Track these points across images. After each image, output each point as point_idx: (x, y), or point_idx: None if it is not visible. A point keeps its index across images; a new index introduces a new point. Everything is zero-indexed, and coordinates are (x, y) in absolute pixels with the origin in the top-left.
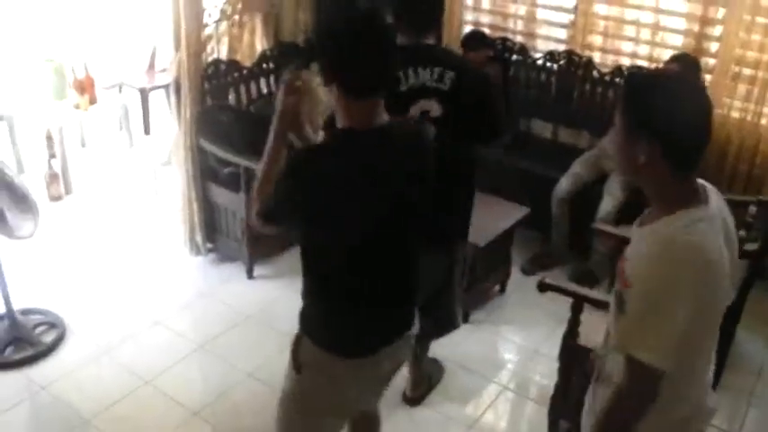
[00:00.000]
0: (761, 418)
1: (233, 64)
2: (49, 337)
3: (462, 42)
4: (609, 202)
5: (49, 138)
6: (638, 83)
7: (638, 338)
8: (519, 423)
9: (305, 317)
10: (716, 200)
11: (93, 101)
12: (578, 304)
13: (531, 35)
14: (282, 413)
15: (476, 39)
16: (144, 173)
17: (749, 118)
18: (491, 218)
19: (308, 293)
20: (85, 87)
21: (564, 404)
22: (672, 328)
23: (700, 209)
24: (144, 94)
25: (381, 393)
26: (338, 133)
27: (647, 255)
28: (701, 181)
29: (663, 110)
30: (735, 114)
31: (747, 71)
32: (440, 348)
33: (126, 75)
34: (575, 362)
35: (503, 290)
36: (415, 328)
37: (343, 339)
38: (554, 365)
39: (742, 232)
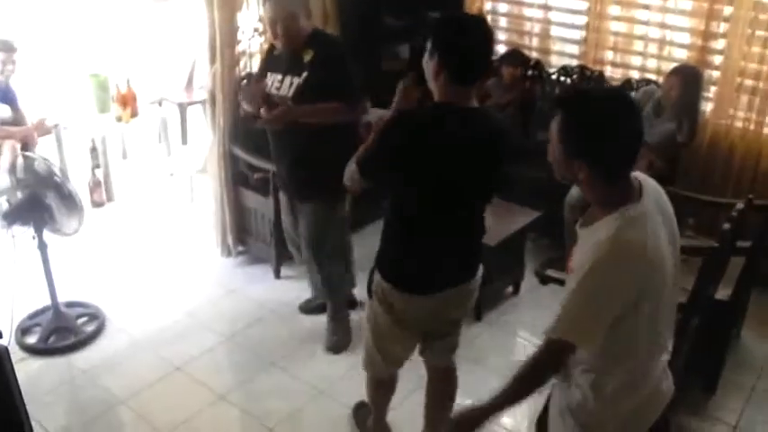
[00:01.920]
0: (761, 414)
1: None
2: (89, 327)
3: (501, 57)
4: None
5: (93, 148)
6: (572, 116)
7: (558, 317)
8: (532, 416)
9: (379, 255)
10: (652, 194)
11: (134, 114)
12: None
13: (545, 51)
14: (365, 337)
15: (514, 56)
16: (181, 180)
17: (752, 127)
18: (503, 220)
19: (384, 236)
20: (128, 101)
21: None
22: (595, 315)
23: (633, 207)
24: (182, 108)
25: (441, 327)
26: (438, 104)
27: (587, 253)
28: (640, 175)
29: (595, 139)
30: (738, 124)
31: (749, 82)
32: None
33: (166, 90)
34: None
35: (516, 291)
36: (476, 283)
37: (402, 278)
38: None
39: (727, 225)
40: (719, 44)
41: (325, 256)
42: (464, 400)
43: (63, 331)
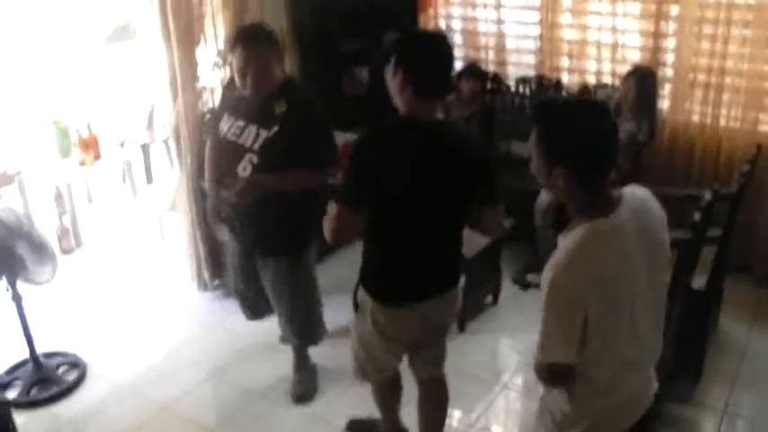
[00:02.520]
0: (748, 396)
1: None
2: (71, 376)
3: (459, 72)
4: None
5: (59, 195)
6: (550, 123)
7: (540, 343)
8: (519, 420)
9: (362, 269)
10: (632, 205)
11: (97, 157)
12: None
13: (502, 63)
14: (352, 347)
15: (473, 71)
16: (149, 220)
17: (709, 121)
18: (477, 231)
19: (365, 252)
20: (90, 145)
21: None
22: (564, 328)
23: (603, 221)
24: (145, 148)
25: (427, 337)
26: (405, 118)
27: (552, 264)
28: (628, 188)
29: (573, 146)
30: (695, 118)
31: (702, 77)
32: None
33: (127, 132)
34: None
35: (495, 301)
36: (457, 291)
37: (384, 292)
38: None
39: (697, 215)
40: (670, 43)
41: (293, 308)
42: (452, 409)
43: (44, 382)
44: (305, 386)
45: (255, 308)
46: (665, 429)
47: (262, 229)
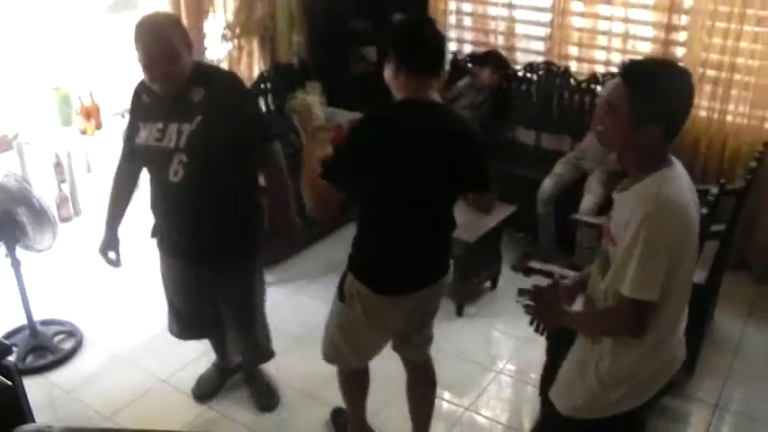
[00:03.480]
0: (739, 391)
1: None
2: (67, 345)
3: (478, 59)
4: (590, 200)
5: (58, 163)
6: (643, 85)
7: (625, 276)
8: (512, 404)
9: (352, 257)
10: (678, 163)
11: (98, 126)
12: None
13: (511, 48)
14: (327, 335)
15: (495, 61)
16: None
17: (716, 116)
18: (479, 216)
19: (357, 239)
20: (91, 114)
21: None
22: (656, 265)
23: (671, 169)
24: None
25: (416, 323)
26: (403, 101)
27: (631, 210)
28: None
29: (668, 102)
30: (702, 113)
31: (711, 72)
32: (435, 341)
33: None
34: (561, 340)
35: (494, 286)
36: (448, 278)
37: (378, 279)
38: (544, 351)
39: (704, 209)
40: (681, 36)
41: (256, 321)
42: (448, 393)
43: (41, 350)
44: (266, 395)
45: (188, 326)
46: (658, 421)
47: (214, 237)
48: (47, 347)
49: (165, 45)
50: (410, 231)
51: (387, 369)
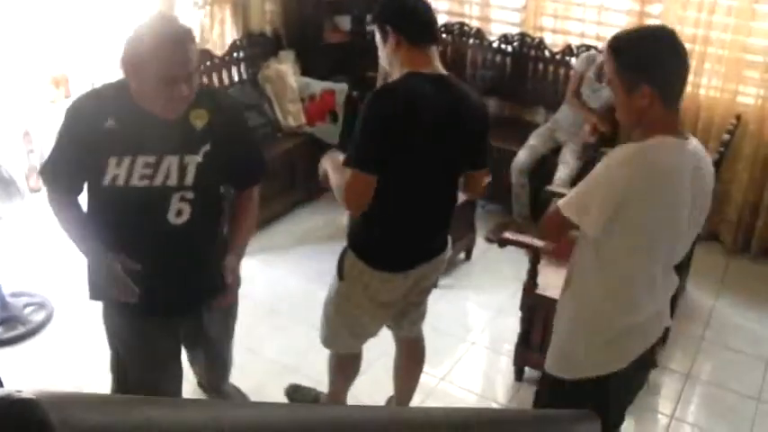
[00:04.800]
0: (710, 361)
1: (205, 53)
2: (38, 317)
3: None
4: (563, 171)
5: (26, 133)
6: (625, 50)
7: (569, 196)
8: (487, 374)
9: (353, 234)
10: (695, 146)
11: (67, 96)
12: (536, 255)
13: (486, 19)
14: (326, 313)
15: None
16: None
17: (689, 89)
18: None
19: (365, 215)
20: (60, 83)
21: (528, 351)
22: (592, 193)
23: (678, 140)
24: None
25: (414, 299)
26: (409, 73)
27: (609, 156)
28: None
29: (651, 58)
30: None
31: (685, 46)
32: None
33: (99, 70)
34: (535, 310)
35: (468, 257)
36: (447, 253)
37: (381, 256)
38: (518, 322)
39: None
40: (656, 9)
41: (229, 358)
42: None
43: (11, 321)
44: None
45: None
46: None
47: (209, 276)
48: (17, 319)
49: (189, 58)
50: (419, 206)
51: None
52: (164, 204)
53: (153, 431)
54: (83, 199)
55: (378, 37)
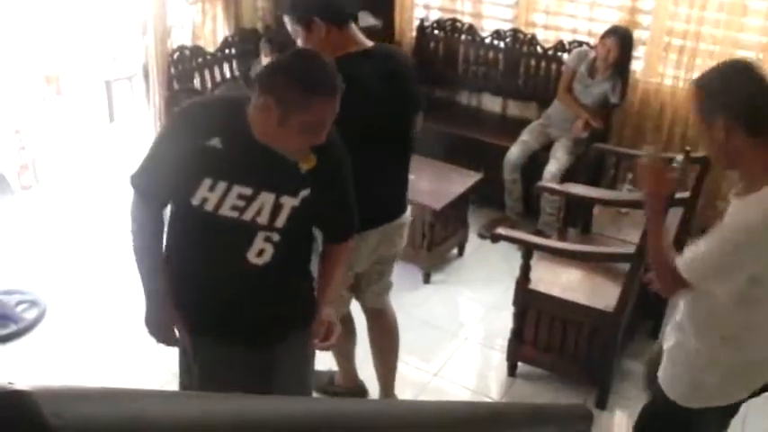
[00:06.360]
0: None
1: (197, 50)
2: (30, 315)
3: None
4: (554, 165)
5: (17, 131)
6: (707, 76)
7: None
8: (480, 370)
9: None
10: None
11: (59, 93)
12: (528, 251)
13: (478, 15)
14: None
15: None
16: (110, 158)
17: (681, 84)
18: (446, 183)
19: None
20: (52, 81)
21: (521, 347)
22: (720, 257)
23: None
24: (108, 85)
25: (378, 267)
26: (340, 58)
27: (735, 213)
28: None
29: (726, 87)
30: (668, 82)
31: (677, 41)
32: (402, 308)
33: (91, 67)
34: (528, 306)
35: (461, 253)
36: (407, 218)
37: None
38: (510, 317)
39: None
40: (647, 5)
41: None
42: (415, 359)
43: (3, 319)
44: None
45: None
46: (622, 384)
47: (285, 317)
48: (9, 316)
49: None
50: (376, 165)
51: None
52: (247, 241)
53: (147, 423)
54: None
55: (300, 33)
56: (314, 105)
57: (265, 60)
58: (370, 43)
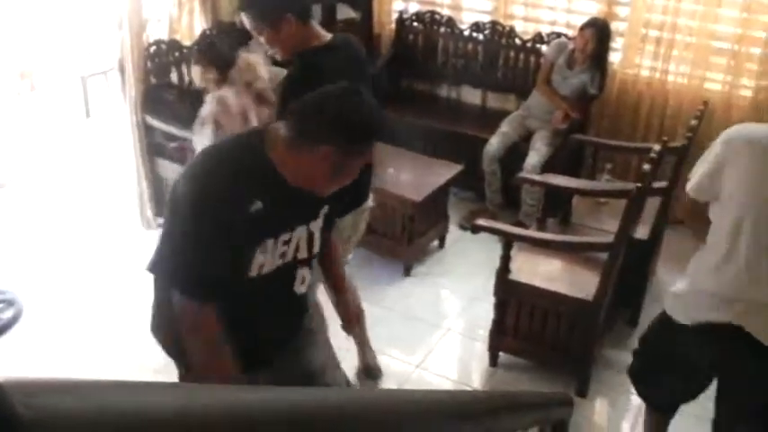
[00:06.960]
0: None
1: (174, 43)
2: (6, 315)
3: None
4: (534, 157)
5: None
6: None
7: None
8: (462, 361)
9: None
10: None
11: (33, 89)
12: (508, 242)
13: (457, 8)
14: None
15: None
16: (86, 154)
17: (657, 75)
18: (426, 175)
19: None
20: (26, 76)
21: (502, 337)
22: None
23: None
24: (84, 80)
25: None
26: (306, 51)
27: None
28: None
29: None
30: (645, 73)
31: (654, 33)
32: (384, 301)
33: (66, 62)
34: (508, 296)
35: (442, 245)
36: (368, 204)
37: None
38: (491, 308)
39: (647, 166)
40: None
41: None
42: (398, 351)
43: None
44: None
45: None
46: (602, 372)
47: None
48: None
49: None
50: None
51: None
52: (291, 276)
53: (120, 413)
54: None
55: (265, 31)
56: (370, 149)
57: (196, 70)
58: (329, 36)
